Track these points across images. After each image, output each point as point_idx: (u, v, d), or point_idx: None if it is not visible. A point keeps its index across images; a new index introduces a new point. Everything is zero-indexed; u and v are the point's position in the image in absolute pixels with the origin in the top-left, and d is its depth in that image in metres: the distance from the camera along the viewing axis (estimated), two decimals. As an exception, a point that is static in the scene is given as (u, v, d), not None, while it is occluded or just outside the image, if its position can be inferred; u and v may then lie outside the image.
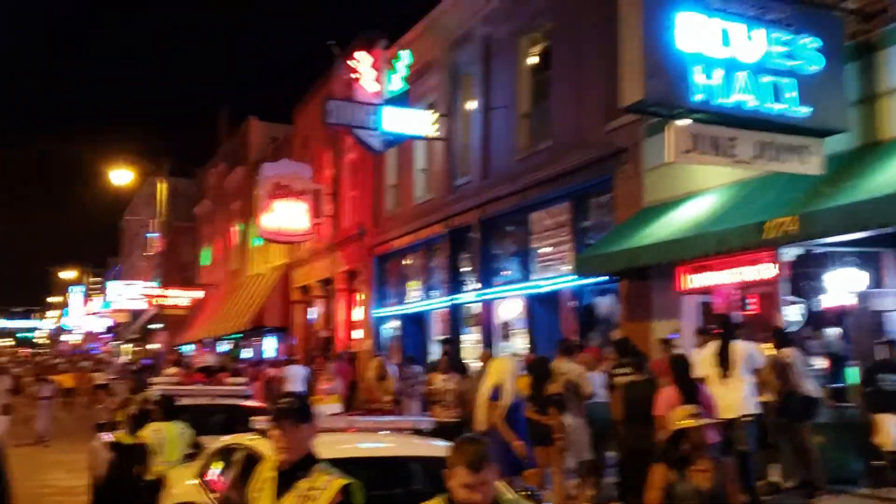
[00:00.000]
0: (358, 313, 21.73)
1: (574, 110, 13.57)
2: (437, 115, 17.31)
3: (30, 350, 78.98)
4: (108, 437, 10.48)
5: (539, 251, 14.58)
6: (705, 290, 10.71)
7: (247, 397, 11.47)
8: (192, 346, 38.82)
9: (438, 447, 5.88)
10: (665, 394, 8.09)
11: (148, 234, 37.14)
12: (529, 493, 5.55)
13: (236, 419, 10.12)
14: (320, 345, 23.62)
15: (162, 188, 28.79)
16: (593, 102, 13.01)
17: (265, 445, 5.61)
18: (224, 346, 35.19)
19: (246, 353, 30.76)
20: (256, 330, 28.00)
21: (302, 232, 22.95)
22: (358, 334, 21.45)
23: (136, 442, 8.21)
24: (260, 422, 6.05)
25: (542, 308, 14.11)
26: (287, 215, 22.71)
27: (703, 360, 8.56)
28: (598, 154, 12.69)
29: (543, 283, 13.98)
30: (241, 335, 30.50)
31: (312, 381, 18.94)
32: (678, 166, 10.49)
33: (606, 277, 12.24)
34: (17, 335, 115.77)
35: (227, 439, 6.71)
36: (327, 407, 13.31)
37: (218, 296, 35.44)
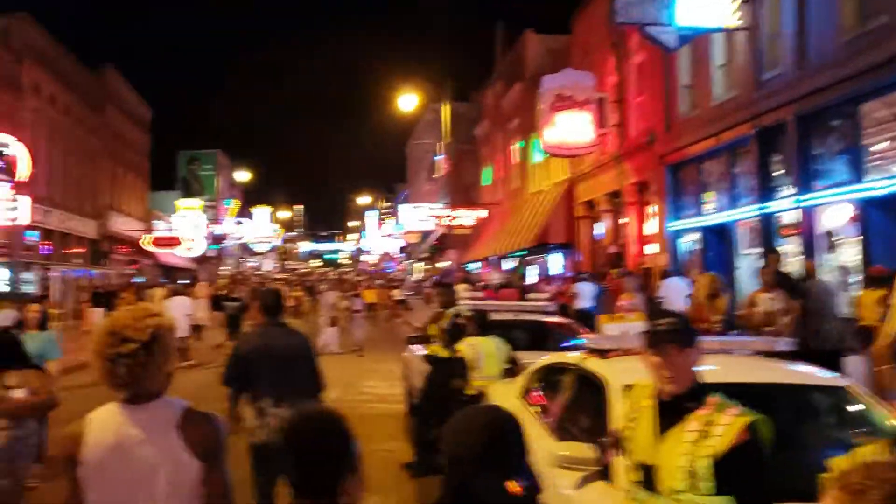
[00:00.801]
0: (650, 227, 20.68)
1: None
2: (738, 2, 15.43)
3: (330, 270, 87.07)
4: (419, 349, 10.67)
5: (871, 148, 12.52)
6: None
7: (549, 313, 11.12)
8: (477, 265, 40.10)
9: (816, 375, 4.98)
10: None
11: (435, 157, 38.49)
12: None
13: (541, 335, 9.85)
14: (609, 261, 22.97)
15: (446, 111, 29.32)
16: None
17: (601, 366, 5.08)
18: (508, 264, 35.86)
19: (531, 271, 31.02)
20: (541, 247, 27.97)
21: (586, 144, 22.16)
22: (651, 249, 20.45)
23: (453, 355, 8.17)
24: (593, 340, 5.53)
25: (878, 213, 12.17)
26: (570, 127, 22.01)
27: None
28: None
29: (880, 184, 12.01)
30: (525, 252, 30.73)
31: (604, 297, 18.41)
32: None
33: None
34: (324, 257, 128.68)
35: (550, 358, 6.32)
36: (631, 325, 12.66)
37: (500, 214, 35.98)
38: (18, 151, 24.45)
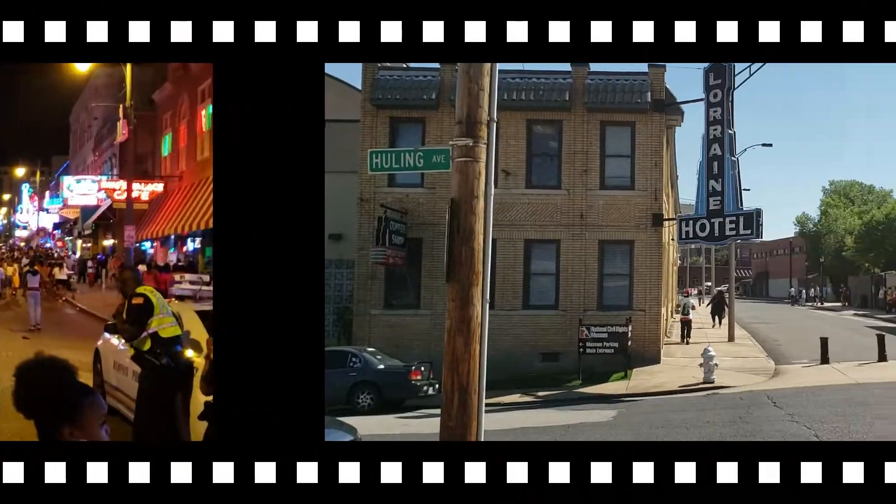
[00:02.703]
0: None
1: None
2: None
3: None
4: (114, 338, 9.50)
5: None
6: None
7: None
8: (150, 244, 36.89)
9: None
10: None
11: (117, 121, 34.57)
12: None
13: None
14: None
15: (128, 72, 26.21)
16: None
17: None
18: (193, 244, 33.32)
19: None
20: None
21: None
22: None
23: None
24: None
25: None
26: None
27: None
28: None
29: None
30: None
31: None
32: None
33: None
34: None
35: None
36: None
37: (183, 188, 33.16)
38: None
